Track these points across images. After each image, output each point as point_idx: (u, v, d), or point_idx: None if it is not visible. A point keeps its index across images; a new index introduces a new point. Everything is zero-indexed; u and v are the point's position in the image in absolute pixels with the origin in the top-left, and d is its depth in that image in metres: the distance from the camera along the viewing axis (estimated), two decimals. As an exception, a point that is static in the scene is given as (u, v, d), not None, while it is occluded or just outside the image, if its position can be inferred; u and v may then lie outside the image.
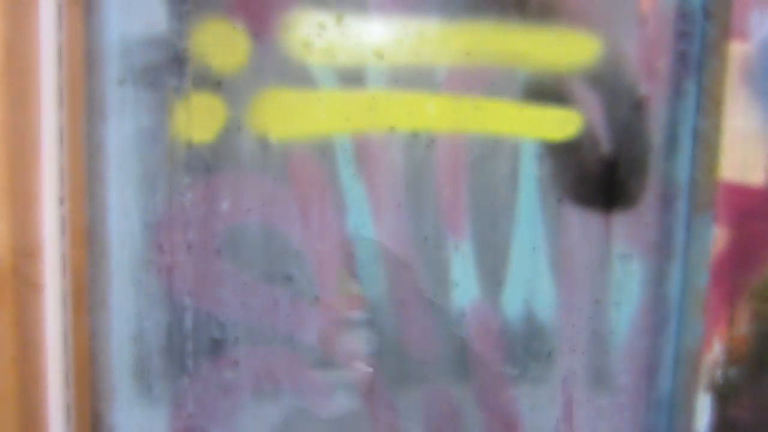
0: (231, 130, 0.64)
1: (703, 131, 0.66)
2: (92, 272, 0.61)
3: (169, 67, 0.61)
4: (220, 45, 0.63)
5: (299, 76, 0.64)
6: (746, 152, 0.63)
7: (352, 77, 0.65)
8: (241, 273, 0.63)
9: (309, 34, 0.64)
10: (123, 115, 0.61)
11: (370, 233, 0.67)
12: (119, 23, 0.60)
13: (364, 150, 0.66)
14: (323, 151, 0.66)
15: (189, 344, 0.63)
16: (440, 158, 0.67)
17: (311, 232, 0.67)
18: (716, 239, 0.63)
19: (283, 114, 0.64)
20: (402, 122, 0.66)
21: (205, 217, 0.62)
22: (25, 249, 0.48)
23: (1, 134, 0.45)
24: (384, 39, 0.65)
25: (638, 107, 0.68)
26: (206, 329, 0.63)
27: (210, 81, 0.63)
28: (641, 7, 0.67)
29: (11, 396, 0.47)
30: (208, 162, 0.64)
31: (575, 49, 0.67)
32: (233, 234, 0.63)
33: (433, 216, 0.68)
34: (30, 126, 0.49)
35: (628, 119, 0.68)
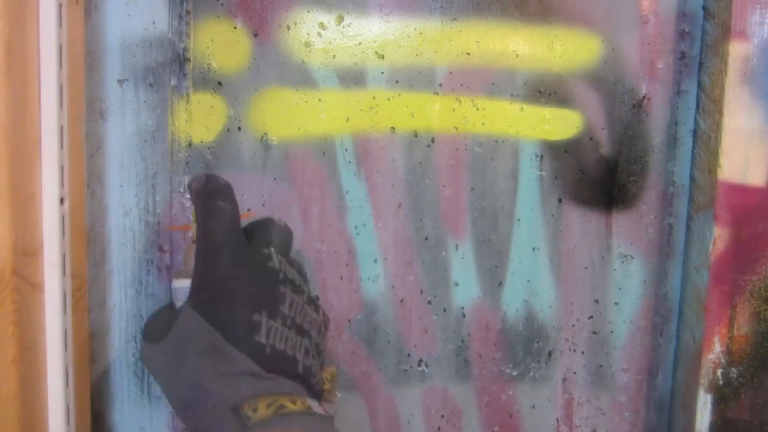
0: (231, 130, 0.64)
1: (703, 131, 0.66)
2: (92, 272, 0.61)
3: (169, 67, 0.61)
4: (220, 45, 0.63)
5: (299, 76, 0.64)
6: (746, 152, 0.63)
7: (353, 77, 0.65)
8: (241, 273, 0.63)
9: (309, 34, 0.64)
10: (123, 115, 0.61)
11: (370, 233, 0.67)
12: (119, 23, 0.60)
13: (365, 150, 0.66)
14: (323, 151, 0.66)
15: (189, 344, 0.63)
16: (440, 158, 0.67)
17: (311, 232, 0.67)
18: (716, 239, 0.63)
19: (284, 114, 0.65)
20: (402, 122, 0.66)
21: (205, 217, 0.62)
22: (25, 249, 0.48)
23: (1, 134, 0.45)
24: (384, 39, 0.65)
25: (638, 107, 0.68)
26: (206, 329, 0.63)
27: (210, 81, 0.63)
28: (641, 7, 0.67)
29: (11, 396, 0.47)
30: (209, 162, 0.64)
31: (575, 49, 0.67)
32: (233, 234, 0.63)
33: (433, 216, 0.68)
34: (30, 126, 0.49)
35: (628, 119, 0.68)
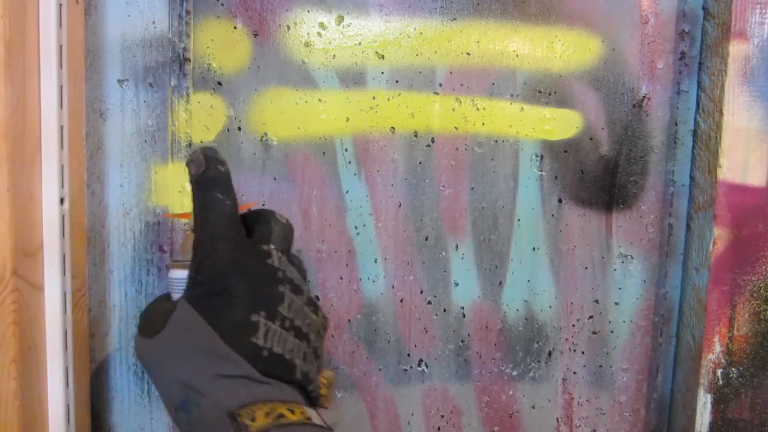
0: (231, 130, 0.64)
1: (703, 131, 0.66)
2: (92, 272, 0.61)
3: (169, 67, 0.61)
4: (220, 45, 0.63)
5: (299, 76, 0.64)
6: (746, 152, 0.63)
7: (353, 77, 0.65)
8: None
9: (309, 34, 0.64)
10: (123, 115, 0.61)
11: (370, 233, 0.67)
12: (119, 23, 0.60)
13: (365, 150, 0.66)
14: (323, 151, 0.66)
15: (189, 344, 0.63)
16: (440, 158, 0.67)
17: (311, 232, 0.67)
18: (716, 239, 0.63)
19: (284, 114, 0.65)
20: (402, 122, 0.66)
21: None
22: (25, 249, 0.48)
23: (1, 134, 0.45)
24: (384, 39, 0.65)
25: (638, 107, 0.68)
26: (206, 329, 0.63)
27: (210, 81, 0.63)
28: (641, 7, 0.67)
29: (11, 396, 0.47)
30: (208, 162, 0.64)
31: (575, 49, 0.67)
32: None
33: (433, 216, 0.68)
34: (30, 126, 0.49)
35: (628, 119, 0.68)
